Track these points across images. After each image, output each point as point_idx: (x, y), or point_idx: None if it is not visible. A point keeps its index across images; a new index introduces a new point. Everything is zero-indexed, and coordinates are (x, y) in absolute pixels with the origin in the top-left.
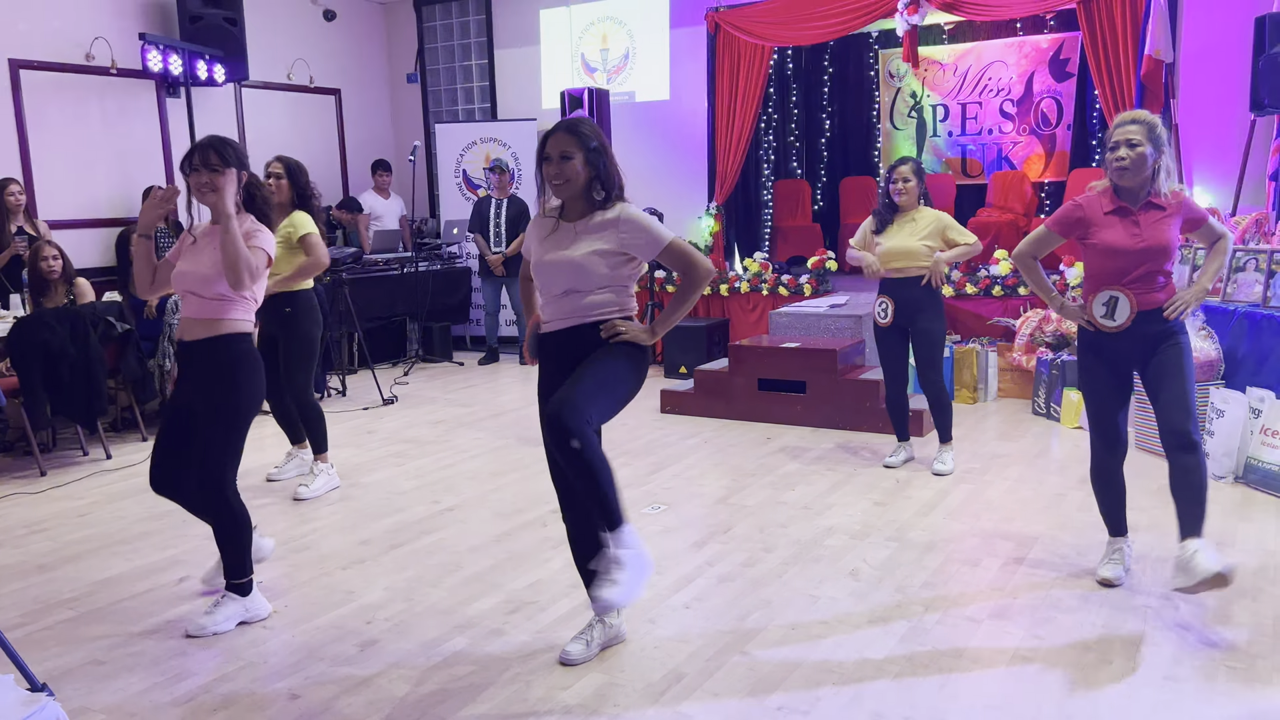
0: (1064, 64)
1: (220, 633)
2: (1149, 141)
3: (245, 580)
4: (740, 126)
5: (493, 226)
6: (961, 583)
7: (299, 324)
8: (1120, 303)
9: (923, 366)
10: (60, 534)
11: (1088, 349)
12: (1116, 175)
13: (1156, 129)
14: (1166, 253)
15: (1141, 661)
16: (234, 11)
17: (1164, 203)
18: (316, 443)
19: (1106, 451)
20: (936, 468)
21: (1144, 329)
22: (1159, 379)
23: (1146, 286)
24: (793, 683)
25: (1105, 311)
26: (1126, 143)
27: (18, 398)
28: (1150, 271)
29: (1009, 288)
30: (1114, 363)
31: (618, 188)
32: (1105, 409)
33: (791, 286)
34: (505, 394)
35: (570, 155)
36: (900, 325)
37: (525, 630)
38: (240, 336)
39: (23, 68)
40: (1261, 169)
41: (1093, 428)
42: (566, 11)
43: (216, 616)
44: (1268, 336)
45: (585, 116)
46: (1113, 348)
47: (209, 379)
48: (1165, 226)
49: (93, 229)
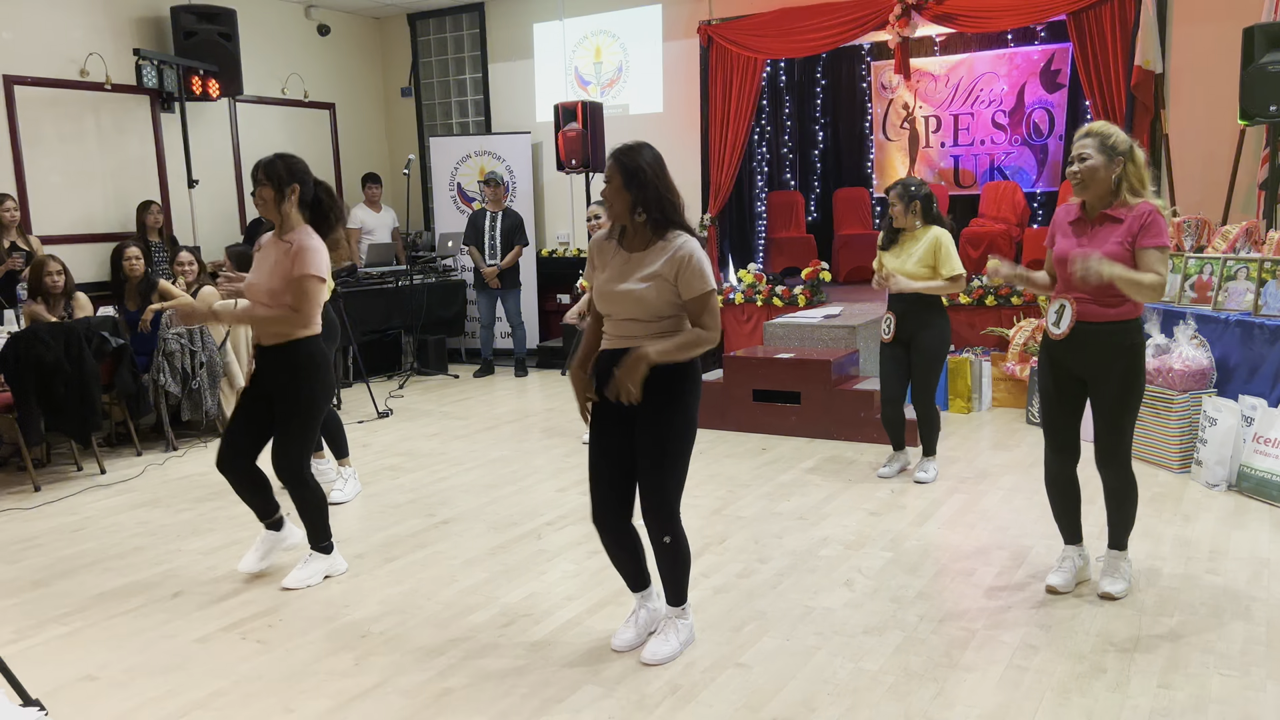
0: (1055, 75)
1: (312, 585)
2: (1100, 153)
3: (327, 542)
4: (734, 138)
5: (487, 239)
6: (956, 592)
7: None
8: (1066, 311)
9: (917, 384)
10: (54, 549)
11: (1043, 354)
12: (1074, 189)
13: (1109, 139)
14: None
15: (1135, 670)
16: (228, 27)
17: (1122, 215)
18: (339, 448)
19: (1053, 456)
20: (918, 476)
21: (1088, 342)
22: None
23: (1092, 297)
24: (788, 694)
25: (1055, 319)
26: (1078, 156)
27: (12, 413)
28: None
29: (1002, 298)
30: (1065, 371)
31: (675, 213)
32: (1052, 415)
33: (785, 297)
34: (500, 407)
35: (610, 179)
36: (901, 341)
37: (520, 643)
38: (309, 339)
39: (17, 83)
40: (1251, 178)
41: (1044, 433)
42: (560, 25)
43: (309, 570)
44: (1259, 345)
45: (640, 143)
46: (1061, 356)
47: (285, 379)
48: (1110, 238)
49: (87, 244)
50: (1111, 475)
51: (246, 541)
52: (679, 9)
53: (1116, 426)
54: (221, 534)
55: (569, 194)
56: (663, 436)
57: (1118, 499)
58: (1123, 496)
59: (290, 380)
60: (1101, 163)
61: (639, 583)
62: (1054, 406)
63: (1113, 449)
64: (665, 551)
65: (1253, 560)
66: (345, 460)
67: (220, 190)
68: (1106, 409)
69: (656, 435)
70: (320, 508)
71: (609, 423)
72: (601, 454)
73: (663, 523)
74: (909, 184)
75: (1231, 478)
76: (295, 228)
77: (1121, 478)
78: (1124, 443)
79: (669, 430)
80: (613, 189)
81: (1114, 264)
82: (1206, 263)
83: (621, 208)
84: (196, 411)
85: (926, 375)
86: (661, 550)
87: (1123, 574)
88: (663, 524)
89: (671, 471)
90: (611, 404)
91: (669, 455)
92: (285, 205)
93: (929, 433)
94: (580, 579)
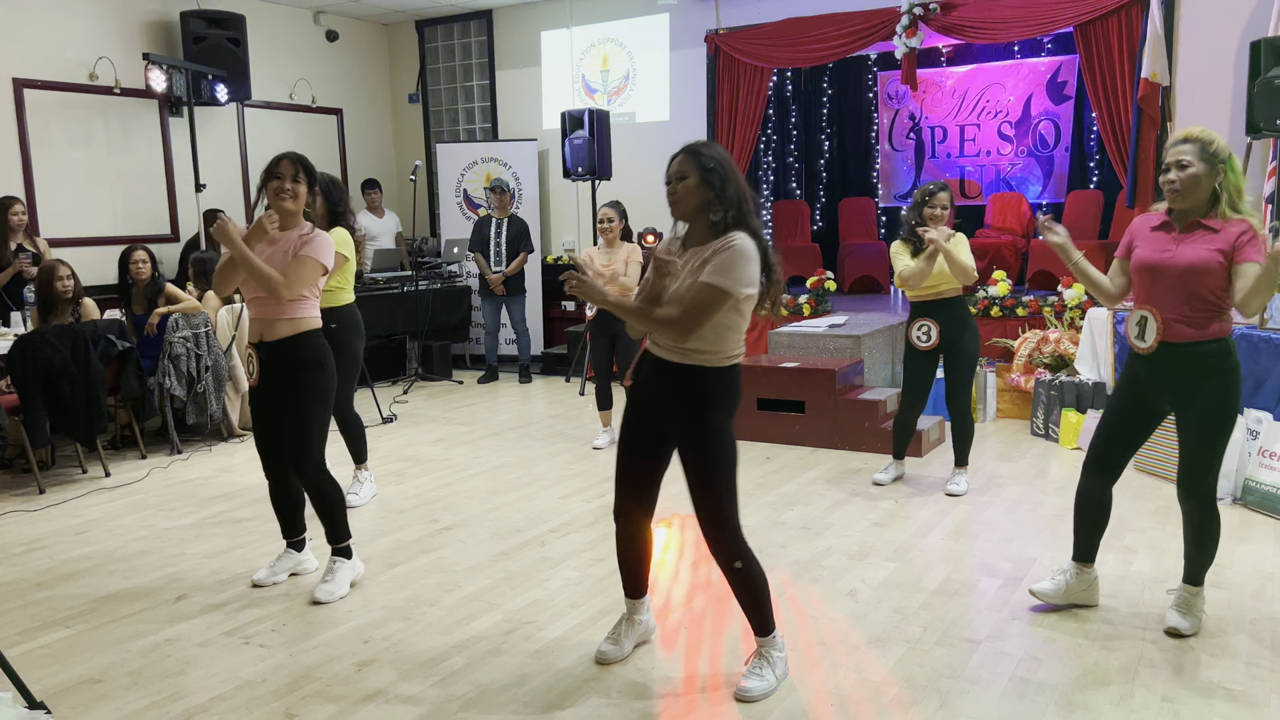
0: (1061, 86)
1: (343, 596)
2: (1202, 160)
3: (347, 544)
4: (740, 147)
5: (493, 246)
6: (960, 604)
7: (344, 338)
8: (1149, 323)
9: (956, 388)
10: (58, 552)
11: (1127, 370)
12: (1168, 197)
13: (1211, 145)
14: (1198, 274)
15: (1139, 683)
16: (237, 32)
17: (1217, 225)
18: (358, 452)
19: (1096, 475)
20: (950, 489)
21: (1177, 363)
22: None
23: (1179, 314)
24: (790, 704)
25: (1138, 331)
26: (1177, 164)
27: (18, 415)
28: (1183, 294)
29: (1007, 308)
30: (1144, 392)
31: (739, 211)
32: (1113, 435)
33: (790, 306)
34: (504, 413)
35: (684, 175)
36: (940, 349)
37: (523, 650)
38: (310, 333)
39: (27, 87)
40: (1258, 191)
41: (1093, 448)
42: (567, 33)
43: (335, 582)
44: (1265, 358)
45: (711, 141)
46: (1146, 375)
47: (289, 374)
48: (1204, 246)
49: (95, 247)
50: (1194, 507)
51: (250, 546)
52: (686, 18)
53: (1205, 455)
54: (225, 538)
55: (575, 201)
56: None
57: (1199, 533)
58: (1205, 530)
59: (297, 373)
60: (1204, 171)
61: (637, 589)
62: (1118, 427)
63: (1199, 479)
64: (738, 577)
65: (1258, 574)
66: (363, 465)
67: (227, 195)
68: (1195, 435)
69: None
70: (340, 503)
71: (641, 423)
72: (627, 447)
73: (727, 546)
74: (947, 188)
75: (1237, 491)
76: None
77: (1205, 510)
78: (1212, 473)
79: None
80: (686, 186)
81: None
82: None
83: (694, 205)
84: (201, 415)
85: (966, 378)
86: (734, 576)
87: (1195, 611)
88: (727, 548)
89: (721, 492)
90: (645, 406)
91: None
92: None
93: (964, 440)
94: (584, 586)
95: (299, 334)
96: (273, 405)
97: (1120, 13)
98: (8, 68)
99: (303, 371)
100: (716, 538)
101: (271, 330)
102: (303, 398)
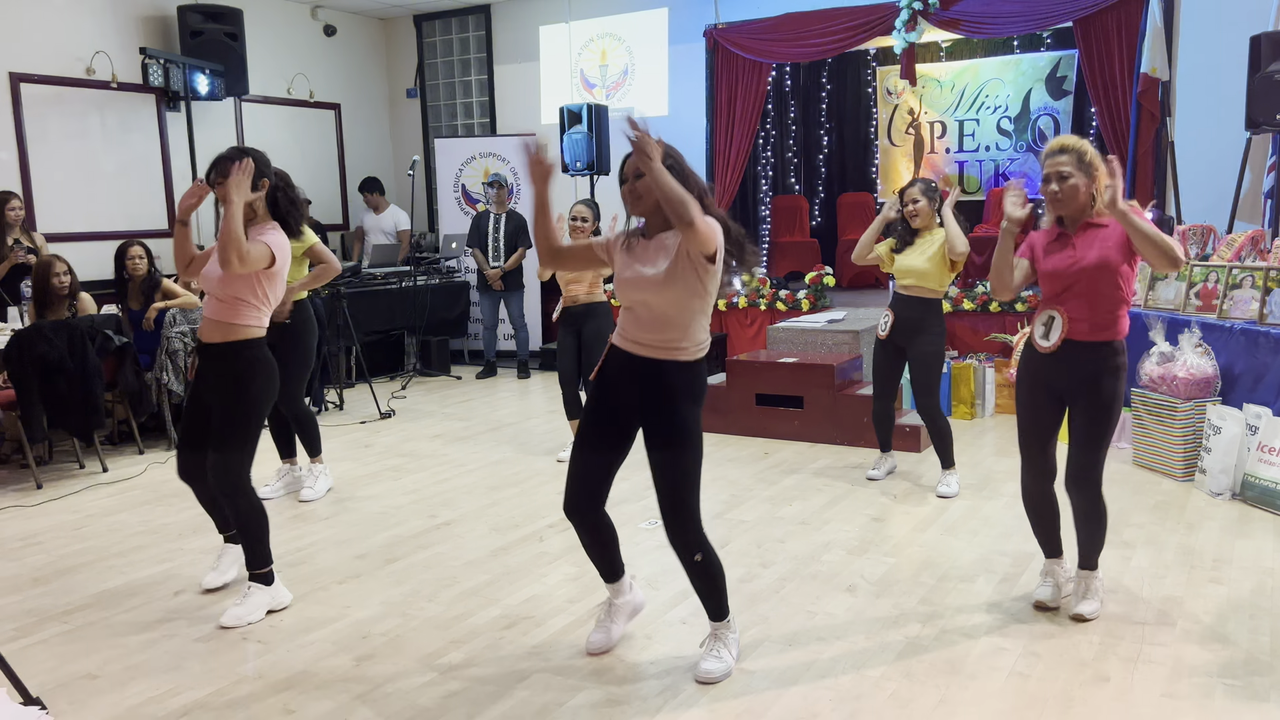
0: (1061, 81)
1: (253, 622)
2: (1079, 169)
3: (267, 570)
4: (739, 142)
5: (491, 241)
6: (958, 599)
7: (298, 334)
8: (1056, 323)
9: (918, 392)
10: (55, 547)
11: (1023, 368)
12: (1054, 207)
13: (1085, 155)
14: (1105, 269)
15: (1138, 679)
16: (234, 26)
17: (1104, 221)
18: (312, 445)
19: (1028, 475)
20: (941, 490)
21: (1075, 361)
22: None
23: (1085, 316)
24: (789, 699)
25: (1043, 331)
26: (1058, 175)
27: (15, 410)
28: (1093, 296)
29: (1005, 304)
30: (1045, 387)
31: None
32: (1030, 433)
33: (789, 302)
34: (502, 408)
35: (642, 174)
36: (897, 343)
37: (521, 645)
38: (253, 342)
39: (23, 81)
40: (1257, 187)
41: (1021, 450)
42: (566, 28)
43: (248, 606)
44: (1264, 353)
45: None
46: (1044, 372)
47: (223, 382)
48: (1101, 244)
49: (92, 242)
50: (1083, 498)
51: None
52: (685, 12)
53: (1093, 448)
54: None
55: (573, 197)
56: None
57: (1089, 521)
58: (1095, 518)
59: (233, 385)
60: (1082, 181)
61: (613, 573)
62: (1033, 424)
63: (1088, 470)
64: (695, 569)
65: (1257, 569)
66: (318, 458)
67: None
68: (1085, 429)
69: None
70: (261, 524)
71: (604, 419)
72: (585, 443)
73: (688, 538)
74: (928, 181)
75: (1236, 486)
76: (264, 223)
77: (1093, 500)
78: (1099, 464)
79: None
80: (646, 184)
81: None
82: (1212, 271)
83: (655, 200)
84: None
85: (928, 381)
86: (692, 569)
87: (1094, 593)
88: (688, 539)
89: (687, 486)
90: (609, 402)
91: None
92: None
93: (942, 445)
94: (582, 582)
95: (229, 342)
96: (198, 406)
97: (1120, 7)
98: (4, 62)
99: (237, 382)
100: (678, 529)
101: (207, 331)
102: (232, 409)
